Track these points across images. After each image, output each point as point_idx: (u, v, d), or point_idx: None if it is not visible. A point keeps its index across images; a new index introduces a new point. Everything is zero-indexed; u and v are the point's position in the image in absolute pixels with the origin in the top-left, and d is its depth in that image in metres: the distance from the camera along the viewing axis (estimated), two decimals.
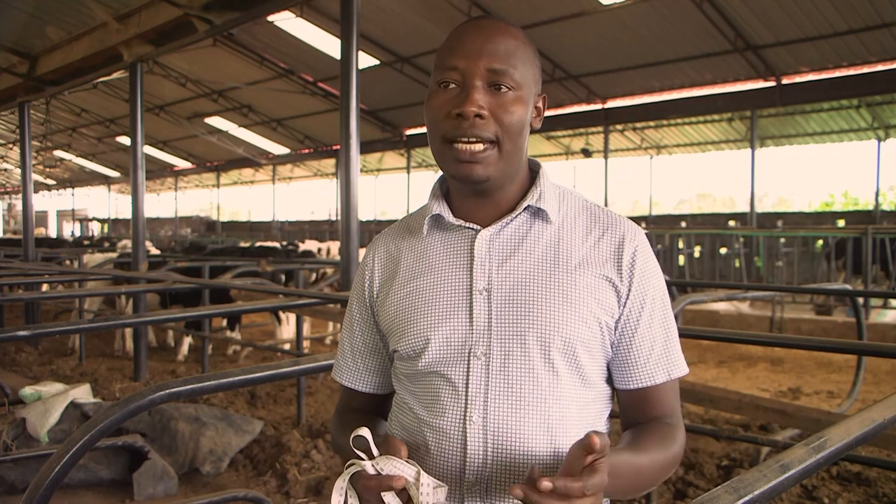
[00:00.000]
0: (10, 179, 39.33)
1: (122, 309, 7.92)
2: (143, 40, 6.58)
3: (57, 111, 20.24)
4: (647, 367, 1.07)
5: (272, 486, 3.92)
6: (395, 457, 0.91)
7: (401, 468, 0.90)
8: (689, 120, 16.75)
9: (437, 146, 1.06)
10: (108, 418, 1.52)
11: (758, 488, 0.96)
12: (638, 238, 1.09)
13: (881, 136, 15.77)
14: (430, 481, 0.90)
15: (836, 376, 6.71)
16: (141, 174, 7.03)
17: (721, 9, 11.00)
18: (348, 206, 4.56)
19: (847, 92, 12.88)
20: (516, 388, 1.02)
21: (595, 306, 1.04)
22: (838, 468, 3.89)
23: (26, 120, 9.38)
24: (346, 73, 4.50)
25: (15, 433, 3.82)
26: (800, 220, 16.97)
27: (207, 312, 4.97)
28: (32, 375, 6.72)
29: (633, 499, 3.53)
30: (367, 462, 0.91)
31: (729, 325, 8.85)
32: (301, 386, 5.11)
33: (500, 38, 1.04)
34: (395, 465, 0.90)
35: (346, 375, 1.22)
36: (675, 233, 12.43)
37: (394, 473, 0.89)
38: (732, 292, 5.50)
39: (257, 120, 20.62)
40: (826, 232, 11.14)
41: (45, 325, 4.31)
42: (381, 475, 0.90)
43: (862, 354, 4.33)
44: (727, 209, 26.45)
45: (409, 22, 12.66)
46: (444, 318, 1.06)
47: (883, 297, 8.93)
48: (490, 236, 1.08)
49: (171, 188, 32.98)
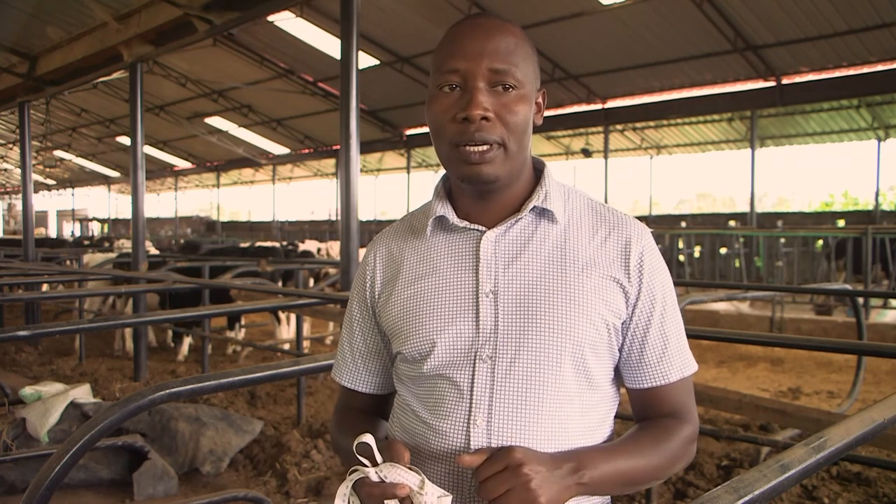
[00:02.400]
0: (10, 179, 39.33)
1: (121, 309, 7.92)
2: (143, 40, 6.57)
3: (57, 111, 20.23)
4: (661, 367, 1.07)
5: (272, 486, 3.92)
6: (398, 464, 0.91)
7: (405, 476, 0.89)
8: (689, 120, 16.75)
9: (445, 150, 1.05)
10: (108, 418, 1.52)
11: (758, 488, 0.96)
12: (644, 238, 1.08)
13: (881, 136, 15.78)
14: (434, 490, 0.89)
15: (836, 376, 6.71)
16: (141, 174, 7.03)
17: (721, 9, 11.00)
18: (348, 206, 4.56)
19: (847, 92, 12.89)
20: (522, 391, 1.01)
21: (603, 308, 1.03)
22: (838, 468, 3.89)
23: (26, 120, 9.38)
24: (346, 73, 4.50)
25: (15, 433, 3.82)
26: (800, 220, 16.99)
27: (207, 312, 4.96)
28: (32, 375, 6.71)
29: (634, 499, 3.53)
30: (370, 469, 0.90)
31: (729, 325, 8.85)
32: (301, 386, 5.10)
33: (500, 37, 1.02)
34: (399, 472, 0.89)
35: (346, 376, 1.21)
36: (675, 233, 12.43)
37: (398, 481, 0.89)
38: (732, 292, 5.51)
39: (257, 120, 20.62)
40: (826, 232, 11.13)
41: (45, 325, 4.30)
42: (384, 483, 0.89)
43: (862, 354, 4.32)
44: (727, 209, 26.47)
45: (409, 22, 12.65)
46: (450, 321, 1.05)
47: (883, 297, 8.93)
48: (495, 237, 1.07)
49: (171, 188, 32.98)
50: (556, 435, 1.01)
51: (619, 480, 0.98)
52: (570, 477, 0.92)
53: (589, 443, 1.04)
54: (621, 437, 1.06)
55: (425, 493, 0.88)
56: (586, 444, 1.04)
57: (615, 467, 0.98)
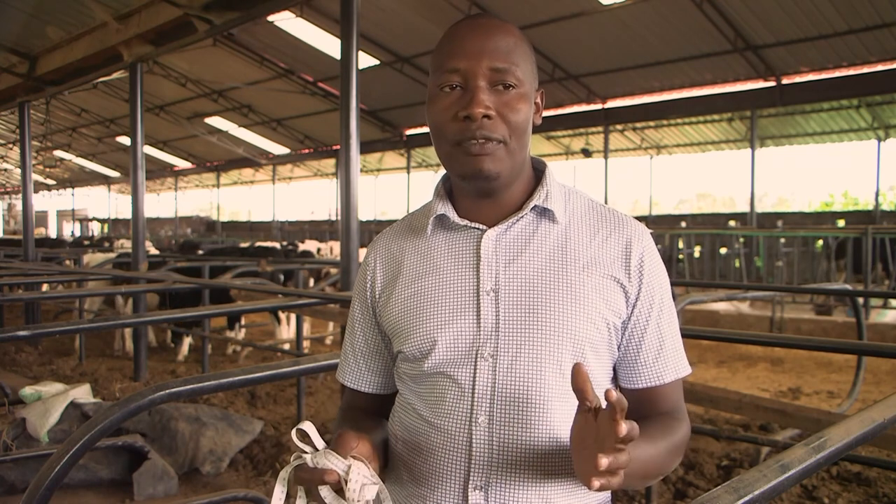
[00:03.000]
0: (10, 179, 39.34)
1: (121, 309, 7.92)
2: (143, 40, 6.57)
3: (57, 111, 20.25)
4: (657, 367, 1.07)
5: (272, 486, 3.92)
6: (332, 452, 0.92)
7: (334, 462, 0.91)
8: (689, 120, 16.76)
9: (446, 149, 1.05)
10: (108, 418, 1.52)
11: (758, 488, 0.96)
12: (645, 239, 1.09)
13: (881, 136, 15.78)
14: (359, 478, 0.91)
15: (836, 376, 6.71)
16: (141, 174, 7.03)
17: (721, 9, 11.00)
18: (348, 206, 4.56)
19: (847, 92, 12.89)
20: (523, 389, 1.01)
21: (603, 307, 1.04)
22: (838, 468, 3.89)
23: (26, 120, 9.38)
24: (346, 73, 4.50)
25: (15, 433, 3.82)
26: (800, 220, 17.00)
27: (207, 312, 4.96)
28: (32, 375, 6.72)
29: (633, 499, 3.53)
30: (307, 455, 0.92)
31: (729, 325, 8.85)
32: (301, 386, 5.10)
33: (499, 36, 1.03)
34: (330, 459, 0.91)
35: (349, 376, 1.21)
36: (675, 233, 12.44)
37: (327, 468, 0.90)
38: (732, 292, 5.51)
39: (257, 120, 20.62)
40: (826, 232, 11.13)
41: (45, 325, 4.30)
42: (315, 468, 0.91)
43: (862, 354, 4.33)
44: (727, 209, 26.48)
45: (409, 22, 12.66)
46: (451, 320, 1.05)
47: (883, 297, 8.93)
48: (496, 236, 1.07)
49: (171, 188, 32.99)
50: (557, 433, 1.01)
51: (639, 471, 0.94)
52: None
53: None
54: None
55: (350, 479, 0.90)
56: None
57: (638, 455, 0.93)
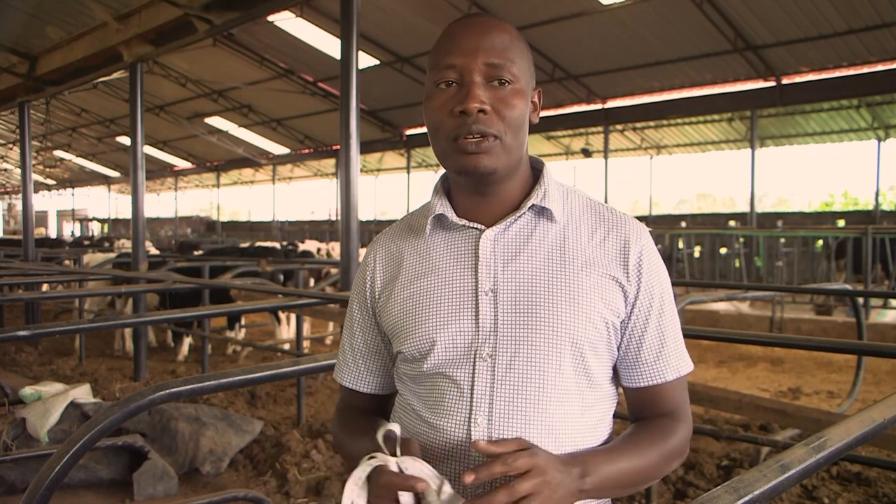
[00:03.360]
0: (10, 179, 39.33)
1: (121, 309, 7.92)
2: (143, 40, 6.57)
3: (57, 111, 20.24)
4: (658, 366, 1.07)
5: (272, 486, 3.92)
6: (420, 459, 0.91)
7: (426, 472, 0.89)
8: (689, 120, 16.75)
9: (442, 145, 1.05)
10: (108, 418, 1.52)
11: (758, 488, 0.96)
12: (643, 237, 1.08)
13: (881, 136, 15.78)
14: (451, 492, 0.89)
15: (836, 376, 6.71)
16: (141, 174, 7.03)
17: (721, 9, 11.00)
18: (348, 206, 4.56)
19: (847, 92, 12.90)
20: (522, 389, 1.01)
21: (602, 306, 1.04)
22: (838, 468, 3.89)
23: (26, 120, 9.38)
24: (346, 73, 4.50)
25: (15, 433, 3.82)
26: (800, 220, 16.99)
27: (207, 312, 4.95)
28: (32, 375, 6.71)
29: (633, 499, 3.53)
30: (392, 459, 0.90)
31: (729, 325, 8.85)
32: (301, 386, 5.10)
33: (495, 33, 1.03)
34: (421, 467, 0.89)
35: (347, 376, 1.21)
36: (675, 233, 12.44)
37: (419, 475, 0.89)
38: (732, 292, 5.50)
39: (257, 120, 20.62)
40: (826, 232, 11.13)
41: (45, 325, 4.30)
42: (404, 474, 0.89)
43: (862, 354, 4.32)
44: (727, 209, 26.46)
45: (409, 22, 12.66)
46: (449, 320, 1.05)
47: (883, 297, 8.93)
48: (494, 236, 1.07)
49: (171, 188, 32.98)
50: (557, 433, 1.02)
51: (619, 483, 0.99)
52: (575, 482, 0.93)
53: (589, 441, 1.05)
54: (619, 438, 1.06)
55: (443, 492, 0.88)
56: (586, 441, 1.04)
57: (616, 469, 0.98)
